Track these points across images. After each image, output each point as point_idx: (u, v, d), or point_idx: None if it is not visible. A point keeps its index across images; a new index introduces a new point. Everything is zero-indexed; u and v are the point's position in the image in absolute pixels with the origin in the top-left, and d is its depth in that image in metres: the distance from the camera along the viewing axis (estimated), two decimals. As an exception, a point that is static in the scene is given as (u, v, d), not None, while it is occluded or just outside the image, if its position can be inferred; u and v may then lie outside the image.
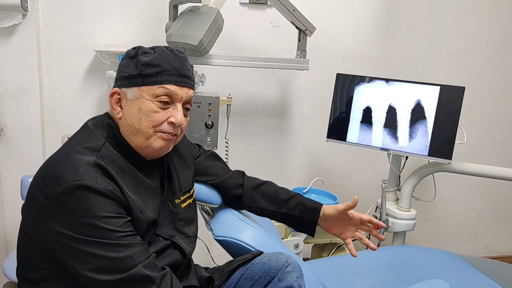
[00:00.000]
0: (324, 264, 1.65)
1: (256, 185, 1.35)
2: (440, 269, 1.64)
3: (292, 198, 1.33)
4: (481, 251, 2.71)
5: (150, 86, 1.01)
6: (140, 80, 1.01)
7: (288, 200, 1.33)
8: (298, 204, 1.32)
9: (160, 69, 1.01)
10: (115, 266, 0.90)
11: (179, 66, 1.04)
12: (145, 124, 1.01)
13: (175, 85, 1.02)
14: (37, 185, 0.95)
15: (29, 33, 1.79)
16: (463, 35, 2.33)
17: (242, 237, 1.28)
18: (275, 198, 1.33)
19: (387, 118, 1.86)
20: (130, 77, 1.02)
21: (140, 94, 1.01)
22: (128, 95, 1.03)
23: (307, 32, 1.85)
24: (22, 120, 1.86)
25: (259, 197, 1.34)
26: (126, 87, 1.03)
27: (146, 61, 1.01)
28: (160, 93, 1.01)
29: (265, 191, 1.35)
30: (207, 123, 1.79)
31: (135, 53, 1.03)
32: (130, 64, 1.03)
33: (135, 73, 1.01)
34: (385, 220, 1.93)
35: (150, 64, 1.01)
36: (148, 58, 1.01)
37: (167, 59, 1.02)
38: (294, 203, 1.32)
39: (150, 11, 1.95)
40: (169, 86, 1.02)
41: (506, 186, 2.46)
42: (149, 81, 1.01)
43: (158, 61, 1.01)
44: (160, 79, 1.01)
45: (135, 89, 1.02)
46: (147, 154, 1.06)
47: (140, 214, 1.00)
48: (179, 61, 1.04)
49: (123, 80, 1.04)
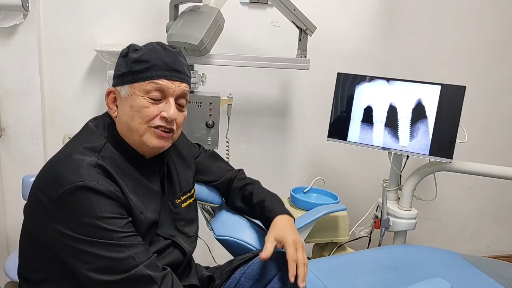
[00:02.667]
0: (325, 263, 1.65)
1: (241, 187, 1.33)
2: (441, 268, 1.64)
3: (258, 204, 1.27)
4: (482, 250, 2.71)
5: (141, 83, 1.01)
6: (131, 77, 1.01)
7: (256, 205, 1.28)
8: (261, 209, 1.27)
9: (150, 65, 1.00)
10: (117, 267, 0.90)
11: (170, 61, 1.03)
12: (138, 120, 1.01)
13: (166, 79, 1.02)
14: (39, 186, 0.95)
15: (30, 33, 1.80)
16: (464, 34, 2.33)
17: (243, 236, 1.28)
18: (249, 201, 1.30)
19: (388, 118, 1.86)
20: (122, 75, 1.02)
21: (132, 91, 1.01)
22: (122, 93, 1.03)
23: (308, 32, 1.85)
24: (23, 120, 1.86)
25: (239, 198, 1.33)
26: (119, 86, 1.03)
27: (135, 58, 1.01)
28: (151, 89, 1.01)
29: (244, 192, 1.32)
30: (207, 122, 1.79)
31: (127, 51, 1.03)
32: (122, 62, 1.03)
33: (126, 71, 1.02)
34: (386, 219, 1.93)
35: (139, 60, 1.01)
36: (138, 54, 1.01)
37: (157, 54, 1.02)
38: (258, 209, 1.27)
39: (151, 10, 1.95)
40: (159, 81, 1.01)
41: (507, 186, 2.46)
42: (140, 77, 1.01)
43: (147, 57, 1.01)
44: (149, 74, 1.00)
45: (127, 87, 1.02)
46: (145, 151, 1.06)
47: (141, 215, 1.00)
48: (169, 55, 1.03)
49: (117, 79, 1.04)
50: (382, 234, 1.96)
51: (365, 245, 2.14)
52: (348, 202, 1.99)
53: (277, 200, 1.28)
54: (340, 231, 1.95)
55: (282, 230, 1.15)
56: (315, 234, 1.83)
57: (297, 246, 1.10)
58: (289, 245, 1.10)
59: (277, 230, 1.15)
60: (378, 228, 1.97)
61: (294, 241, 1.11)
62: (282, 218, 1.20)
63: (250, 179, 1.36)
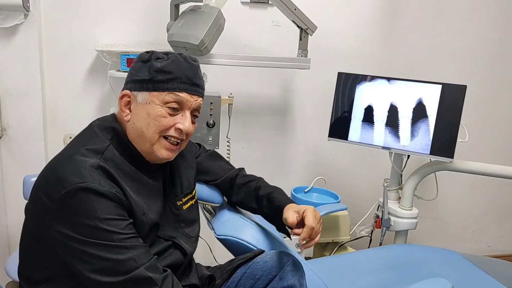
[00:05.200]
0: (326, 263, 1.65)
1: (244, 183, 1.34)
2: (442, 267, 1.64)
3: (265, 196, 1.27)
4: (483, 249, 2.71)
5: (161, 92, 1.01)
6: (151, 85, 1.02)
7: (262, 198, 1.28)
8: (269, 200, 1.26)
9: (172, 76, 1.01)
10: (118, 268, 0.90)
11: (192, 75, 1.04)
12: (152, 129, 1.02)
13: (186, 92, 1.03)
14: (41, 186, 0.95)
15: (31, 33, 1.80)
16: (465, 33, 2.33)
17: (244, 236, 1.28)
18: (255, 195, 1.30)
19: (388, 117, 1.86)
20: (141, 81, 1.03)
21: (151, 99, 1.02)
22: (139, 98, 1.03)
23: (309, 31, 1.85)
24: (24, 120, 1.86)
25: (243, 193, 1.33)
26: (137, 91, 1.03)
27: (159, 67, 1.01)
28: (170, 100, 1.02)
29: (249, 188, 1.32)
30: (208, 122, 1.79)
31: (148, 58, 1.03)
32: (143, 68, 1.03)
33: (147, 78, 1.02)
34: (387, 219, 1.93)
35: (162, 71, 1.01)
36: (161, 64, 1.01)
37: (180, 66, 1.03)
38: (266, 201, 1.27)
39: (152, 10, 1.96)
40: (180, 94, 1.02)
41: (508, 185, 2.46)
42: (161, 87, 1.01)
43: (171, 68, 1.01)
44: (171, 86, 1.01)
45: (146, 94, 1.02)
46: (152, 159, 1.07)
47: (143, 217, 1.00)
48: (191, 69, 1.04)
49: (134, 84, 1.04)
50: (383, 233, 1.96)
51: (366, 244, 2.14)
52: (349, 201, 2.00)
53: (283, 193, 1.29)
54: (341, 231, 1.95)
55: (298, 207, 1.16)
56: (316, 233, 1.82)
57: (317, 215, 1.12)
58: (310, 212, 1.11)
59: (294, 207, 1.17)
60: (379, 227, 1.97)
61: (314, 210, 1.13)
62: (293, 205, 1.20)
63: (253, 176, 1.37)
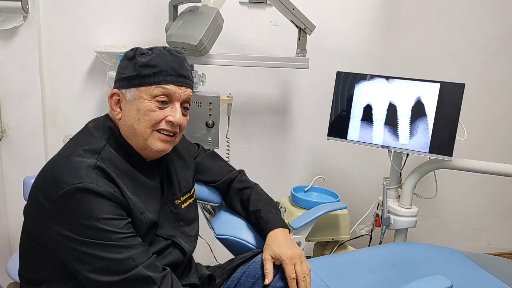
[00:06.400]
0: (326, 262, 1.65)
1: (240, 189, 1.34)
2: (442, 266, 1.64)
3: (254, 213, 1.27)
4: (484, 247, 2.71)
5: (148, 87, 1.02)
6: (138, 81, 1.02)
7: (251, 214, 1.28)
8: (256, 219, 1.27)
9: (158, 70, 1.02)
10: (116, 267, 0.91)
11: (177, 66, 1.04)
12: (143, 123, 1.02)
13: (173, 84, 1.03)
14: (38, 187, 0.96)
15: (30, 35, 1.80)
16: (463, 32, 2.33)
17: (243, 235, 1.29)
18: (245, 208, 1.31)
19: (387, 116, 1.86)
20: (128, 78, 1.03)
21: (139, 94, 1.02)
22: (127, 96, 1.04)
23: (307, 31, 1.86)
24: (24, 121, 1.87)
25: (237, 201, 1.34)
26: (125, 88, 1.04)
27: (143, 62, 1.02)
28: (158, 93, 1.02)
29: (242, 196, 1.32)
30: (208, 122, 1.80)
31: (133, 55, 1.04)
32: (129, 65, 1.04)
33: (133, 74, 1.02)
34: (386, 217, 1.93)
35: (147, 65, 1.02)
36: (145, 59, 1.02)
37: (165, 59, 1.03)
38: (254, 218, 1.28)
39: (150, 11, 1.96)
40: (167, 86, 1.03)
41: (508, 183, 2.45)
42: (147, 82, 1.02)
43: (155, 62, 1.02)
44: (158, 79, 1.02)
45: (134, 90, 1.03)
46: (147, 154, 1.07)
47: (141, 216, 1.00)
48: (177, 61, 1.05)
49: (122, 82, 1.05)
50: (383, 232, 1.96)
51: (366, 243, 2.14)
52: (348, 200, 2.00)
53: (272, 210, 1.27)
54: (341, 230, 1.95)
55: (278, 246, 1.15)
56: (316, 232, 1.83)
57: (294, 261, 1.11)
58: (286, 264, 1.11)
59: (273, 246, 1.15)
60: (378, 226, 1.97)
61: (290, 257, 1.11)
62: (276, 232, 1.20)
63: (249, 182, 1.37)
